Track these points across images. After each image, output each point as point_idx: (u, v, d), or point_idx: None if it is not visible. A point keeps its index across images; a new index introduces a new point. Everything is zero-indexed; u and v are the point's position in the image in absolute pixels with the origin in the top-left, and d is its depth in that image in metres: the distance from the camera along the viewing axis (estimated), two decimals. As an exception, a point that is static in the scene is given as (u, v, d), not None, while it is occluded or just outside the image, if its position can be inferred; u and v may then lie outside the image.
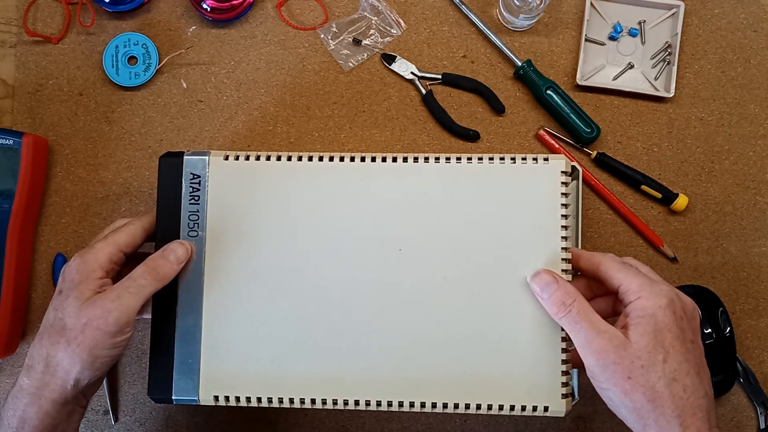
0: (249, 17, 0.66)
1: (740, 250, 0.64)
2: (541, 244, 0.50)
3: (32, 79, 0.66)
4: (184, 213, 0.52)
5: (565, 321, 0.47)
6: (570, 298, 0.47)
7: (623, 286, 0.47)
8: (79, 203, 0.65)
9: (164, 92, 0.66)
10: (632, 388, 0.43)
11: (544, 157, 0.50)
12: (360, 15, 0.66)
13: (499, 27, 0.66)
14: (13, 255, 0.61)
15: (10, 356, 0.64)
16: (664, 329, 0.44)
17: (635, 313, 0.45)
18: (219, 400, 0.51)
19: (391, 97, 0.66)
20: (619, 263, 0.48)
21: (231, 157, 0.52)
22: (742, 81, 0.65)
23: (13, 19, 0.67)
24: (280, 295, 0.51)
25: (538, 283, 0.48)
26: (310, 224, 0.51)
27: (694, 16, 0.66)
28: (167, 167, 0.53)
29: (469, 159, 0.51)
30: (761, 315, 0.64)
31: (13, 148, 0.61)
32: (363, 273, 0.51)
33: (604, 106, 0.65)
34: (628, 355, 0.44)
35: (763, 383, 0.63)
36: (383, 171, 0.51)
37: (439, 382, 0.50)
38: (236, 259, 0.51)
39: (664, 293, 0.45)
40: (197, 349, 0.51)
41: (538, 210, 0.50)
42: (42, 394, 0.46)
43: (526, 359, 0.49)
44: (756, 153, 0.65)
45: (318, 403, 0.50)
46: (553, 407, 0.49)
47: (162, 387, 0.51)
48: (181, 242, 0.51)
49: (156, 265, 0.49)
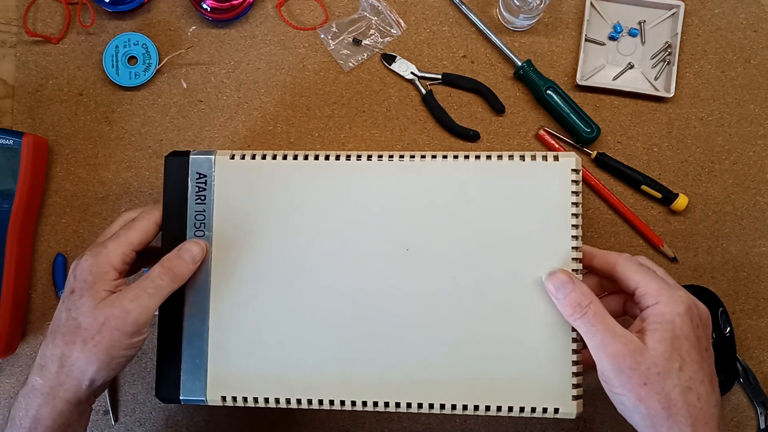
0: (249, 17, 0.66)
1: (740, 250, 0.64)
2: (552, 243, 0.49)
3: (32, 79, 0.66)
4: (190, 213, 0.52)
5: (580, 323, 0.46)
6: (586, 300, 0.46)
7: (641, 289, 0.46)
8: (79, 203, 0.65)
9: (164, 92, 0.66)
10: (647, 394, 0.43)
11: (555, 155, 0.50)
12: (360, 15, 0.66)
13: (499, 27, 0.66)
14: (13, 255, 0.61)
15: (10, 356, 0.64)
16: (681, 337, 0.44)
17: (653, 319, 0.44)
18: (226, 401, 0.51)
19: (391, 97, 0.66)
20: (636, 264, 0.47)
21: (237, 156, 0.52)
22: (742, 81, 0.65)
23: (13, 19, 0.67)
24: (287, 295, 0.51)
25: (554, 282, 0.47)
26: (316, 224, 0.51)
27: (694, 16, 0.66)
28: (173, 166, 0.52)
29: (477, 157, 0.50)
30: (761, 315, 0.64)
31: (13, 148, 0.61)
32: (370, 273, 0.50)
33: (604, 106, 0.65)
34: (644, 361, 0.43)
35: (763, 383, 0.63)
36: (390, 169, 0.51)
37: (447, 383, 0.49)
38: (243, 259, 0.51)
39: (683, 300, 0.45)
40: (205, 350, 0.51)
41: (548, 208, 0.49)
42: (56, 394, 0.46)
43: (536, 360, 0.48)
44: (756, 153, 0.65)
45: (325, 404, 0.50)
46: (564, 409, 0.48)
47: (170, 387, 0.51)
48: (196, 241, 0.51)
49: (172, 265, 0.49)
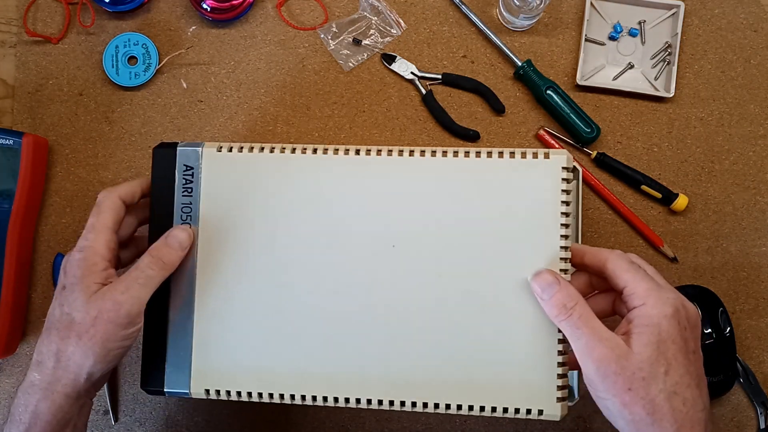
0: (249, 17, 0.66)
1: (740, 250, 0.64)
2: (539, 242, 0.48)
3: (32, 79, 0.66)
4: (177, 205, 0.52)
5: (565, 325, 0.45)
6: (572, 301, 0.45)
7: (629, 288, 0.45)
8: (79, 203, 0.65)
9: (164, 92, 0.66)
10: (632, 400, 0.42)
11: (545, 152, 0.48)
12: (360, 15, 0.66)
13: (499, 27, 0.66)
14: (13, 255, 0.61)
15: (10, 356, 0.64)
16: (667, 340, 0.43)
17: (639, 321, 0.44)
18: (210, 394, 0.51)
19: (391, 97, 0.66)
20: (627, 262, 0.46)
21: (224, 148, 0.51)
22: (742, 81, 0.65)
23: (13, 19, 0.67)
24: (273, 290, 0.50)
25: (539, 283, 0.46)
26: (303, 218, 0.51)
27: (694, 16, 0.66)
28: (161, 158, 0.52)
29: (466, 153, 0.49)
30: (761, 315, 0.64)
31: (13, 148, 0.61)
32: (355, 269, 0.50)
33: (604, 106, 0.65)
34: (629, 365, 0.42)
35: (763, 383, 0.63)
36: (378, 164, 0.50)
37: (430, 381, 0.49)
38: (229, 252, 0.51)
39: (671, 301, 0.44)
40: (189, 343, 0.51)
41: (537, 206, 0.48)
42: (54, 389, 0.46)
43: (521, 360, 0.48)
44: (756, 153, 0.65)
45: (308, 400, 0.50)
46: (548, 411, 0.47)
47: (154, 379, 0.51)
48: (183, 228, 0.51)
49: (161, 254, 0.49)
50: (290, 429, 0.64)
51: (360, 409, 0.63)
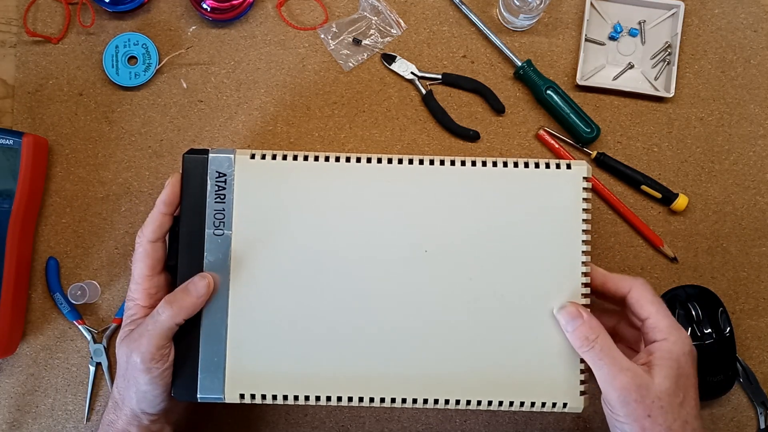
0: (249, 17, 0.66)
1: (740, 250, 0.64)
2: (562, 247, 0.51)
3: (32, 79, 0.66)
4: (209, 211, 0.52)
5: (588, 355, 0.48)
6: (594, 334, 0.48)
7: (652, 321, 0.49)
8: (79, 203, 0.65)
9: (164, 92, 0.66)
10: (651, 426, 0.46)
11: (567, 163, 0.52)
12: (360, 15, 0.66)
13: (499, 27, 0.66)
14: (13, 255, 0.61)
15: (10, 356, 0.64)
16: (684, 375, 0.47)
17: (660, 354, 0.48)
18: (245, 398, 0.51)
19: (391, 97, 0.66)
20: (652, 294, 0.50)
21: (257, 156, 0.52)
22: (742, 81, 0.65)
23: (13, 19, 0.67)
24: (306, 294, 0.51)
25: (564, 316, 0.50)
26: (336, 224, 0.52)
27: (694, 16, 0.66)
28: (192, 165, 0.52)
29: (494, 164, 0.52)
30: (761, 315, 0.64)
31: (13, 148, 0.61)
32: (389, 273, 0.51)
33: (604, 106, 0.65)
34: (649, 395, 0.46)
35: (763, 383, 0.63)
36: (408, 174, 0.52)
37: (460, 379, 0.51)
38: (262, 258, 0.52)
39: (688, 340, 0.49)
40: (223, 348, 0.51)
41: (560, 214, 0.51)
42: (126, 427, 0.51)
43: (546, 357, 0.51)
44: (756, 153, 0.65)
45: (344, 401, 0.51)
46: (571, 404, 0.51)
47: (187, 385, 0.51)
48: (203, 275, 0.51)
49: (174, 298, 0.50)
50: (290, 429, 0.64)
51: (360, 409, 0.63)
